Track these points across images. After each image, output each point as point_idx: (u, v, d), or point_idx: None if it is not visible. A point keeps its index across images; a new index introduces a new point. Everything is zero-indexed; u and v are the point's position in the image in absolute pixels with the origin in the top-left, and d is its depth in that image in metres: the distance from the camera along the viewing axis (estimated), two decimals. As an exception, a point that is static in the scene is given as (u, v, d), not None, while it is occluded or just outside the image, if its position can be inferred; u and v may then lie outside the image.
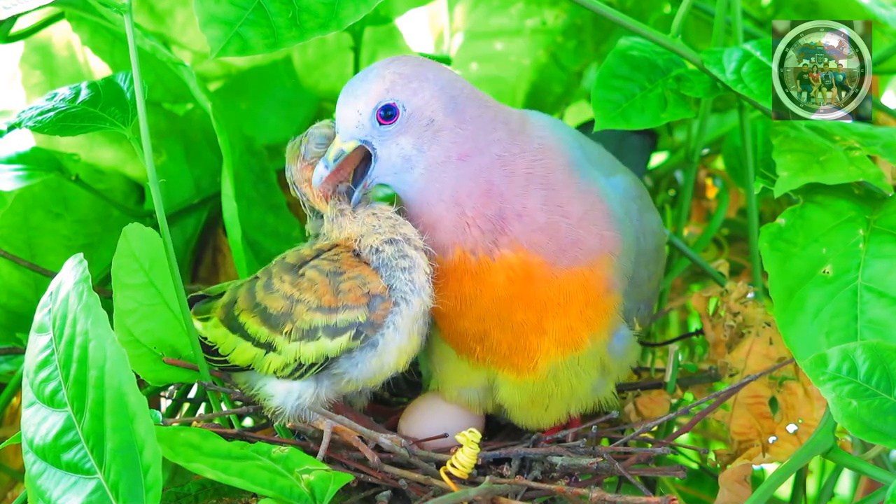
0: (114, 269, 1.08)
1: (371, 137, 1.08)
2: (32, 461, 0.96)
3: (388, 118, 1.08)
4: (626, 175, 1.20)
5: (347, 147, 1.09)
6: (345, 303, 1.08)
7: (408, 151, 1.08)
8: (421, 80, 1.08)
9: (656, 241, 1.20)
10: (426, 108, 1.08)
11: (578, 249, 1.10)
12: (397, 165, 1.09)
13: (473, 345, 1.12)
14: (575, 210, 1.10)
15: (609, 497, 1.05)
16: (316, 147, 1.12)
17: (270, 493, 0.98)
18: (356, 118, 1.08)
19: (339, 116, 1.09)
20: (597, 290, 1.11)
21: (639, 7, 1.54)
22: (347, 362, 1.09)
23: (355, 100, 1.08)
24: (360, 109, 1.08)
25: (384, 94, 1.07)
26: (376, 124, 1.08)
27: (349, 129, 1.09)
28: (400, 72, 1.08)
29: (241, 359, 1.11)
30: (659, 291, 1.25)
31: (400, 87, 1.08)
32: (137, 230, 1.08)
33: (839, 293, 1.09)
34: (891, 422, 0.98)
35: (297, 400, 1.10)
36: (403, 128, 1.08)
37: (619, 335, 1.14)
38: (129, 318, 1.10)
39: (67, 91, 1.16)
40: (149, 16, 1.48)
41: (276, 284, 1.11)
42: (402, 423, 1.19)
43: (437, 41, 1.69)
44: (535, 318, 1.10)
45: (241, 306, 1.12)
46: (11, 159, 1.30)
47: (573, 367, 1.13)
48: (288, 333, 1.09)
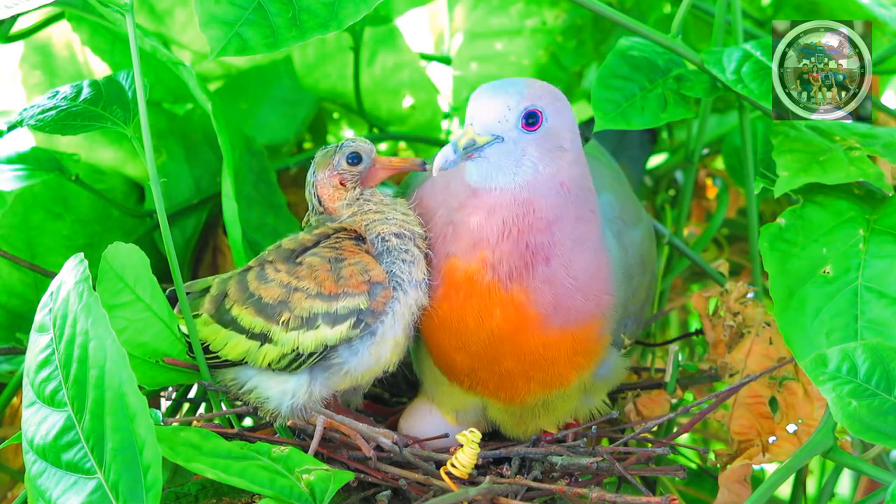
0: (100, 293, 1.07)
1: (507, 136, 1.06)
2: (32, 461, 0.96)
3: (532, 124, 1.07)
4: (609, 191, 1.18)
5: (481, 140, 1.06)
6: (346, 289, 1.07)
7: (526, 160, 1.07)
8: (564, 105, 1.10)
9: (639, 252, 1.18)
10: (562, 130, 1.08)
11: (573, 312, 1.09)
12: (507, 162, 1.07)
13: (462, 377, 1.13)
14: (583, 275, 1.09)
15: (609, 497, 1.05)
16: (347, 163, 1.13)
17: (270, 493, 0.98)
18: (503, 112, 1.06)
19: (480, 108, 1.07)
20: (586, 343, 1.11)
21: (639, 7, 1.54)
22: (347, 351, 1.09)
23: (507, 96, 1.07)
24: (511, 105, 1.06)
25: (537, 99, 1.07)
26: (520, 125, 1.06)
27: (490, 121, 1.06)
28: (548, 91, 1.09)
29: (234, 353, 1.10)
30: (649, 302, 1.25)
31: (549, 100, 1.08)
32: (117, 249, 1.08)
33: (839, 293, 1.09)
34: (891, 422, 0.98)
35: (291, 399, 1.10)
36: (539, 140, 1.07)
37: (605, 363, 1.15)
38: (121, 336, 1.08)
39: (69, 89, 1.16)
40: (149, 16, 1.48)
41: (270, 274, 1.10)
42: (402, 422, 1.20)
43: (437, 41, 1.69)
44: (522, 368, 1.10)
45: (233, 298, 1.11)
46: (11, 159, 1.30)
47: (560, 397, 1.14)
48: (285, 322, 1.08)
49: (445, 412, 1.17)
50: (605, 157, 1.38)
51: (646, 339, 1.45)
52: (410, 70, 1.58)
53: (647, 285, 1.22)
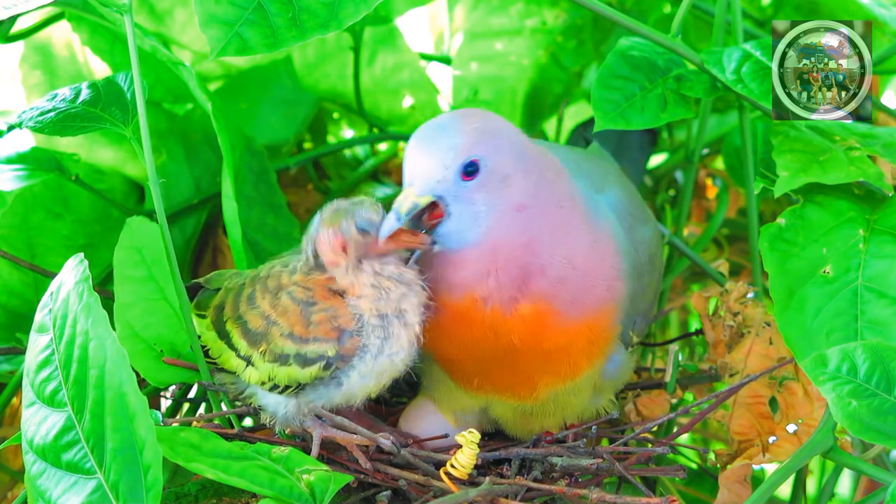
0: (115, 261, 1.08)
1: (448, 193, 1.04)
2: (32, 461, 0.96)
3: (470, 174, 1.04)
4: (617, 186, 1.18)
5: (422, 202, 1.04)
6: (315, 335, 1.06)
7: (479, 208, 1.05)
8: (498, 136, 1.06)
9: (649, 251, 1.19)
10: (501, 163, 1.05)
11: (587, 300, 1.09)
12: (466, 223, 1.05)
13: (472, 378, 1.12)
14: (588, 263, 1.09)
15: (609, 497, 1.05)
16: (357, 230, 1.05)
17: (270, 493, 0.98)
18: (441, 172, 1.04)
19: (418, 168, 1.05)
20: (601, 333, 1.11)
21: (639, 7, 1.54)
22: (314, 393, 1.08)
23: (442, 153, 1.04)
24: (448, 164, 1.03)
25: (471, 149, 1.04)
26: (459, 180, 1.04)
27: (429, 182, 1.04)
28: (478, 127, 1.05)
29: (228, 365, 1.11)
30: (656, 299, 1.25)
31: (484, 142, 1.05)
32: (140, 223, 1.08)
33: (839, 293, 1.09)
34: (891, 422, 0.98)
35: (284, 409, 1.10)
36: (481, 184, 1.04)
37: (614, 358, 1.15)
38: (130, 311, 1.09)
39: (68, 91, 1.16)
40: (149, 16, 1.48)
41: (257, 299, 1.09)
42: (402, 423, 1.20)
43: (437, 41, 1.69)
44: (539, 363, 1.10)
45: (228, 314, 1.11)
46: (11, 159, 1.30)
47: (571, 389, 1.13)
48: (263, 353, 1.08)
49: (445, 412, 1.17)
50: (609, 160, 1.39)
51: (646, 339, 1.45)
52: (410, 70, 1.58)
53: (656, 284, 1.22)
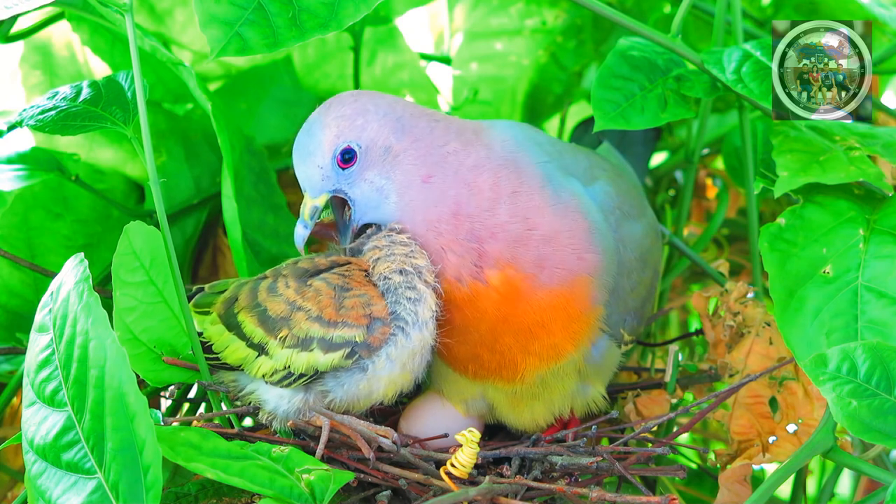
0: (114, 267, 1.08)
1: (339, 184, 1.11)
2: (32, 461, 0.96)
3: (348, 161, 1.10)
4: (606, 181, 1.19)
5: (320, 202, 1.12)
6: (345, 319, 1.07)
7: (378, 182, 1.11)
8: (363, 115, 1.11)
9: (639, 250, 1.19)
10: (378, 138, 1.10)
11: (556, 267, 1.10)
12: (374, 199, 1.11)
13: (467, 364, 1.14)
14: (546, 224, 1.10)
15: (609, 497, 1.05)
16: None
17: (270, 492, 0.98)
18: (319, 173, 1.11)
19: (302, 176, 1.12)
20: (579, 308, 1.12)
21: (639, 7, 1.54)
22: (333, 381, 1.09)
23: (311, 157, 1.11)
24: (320, 163, 1.11)
25: (335, 140, 1.10)
26: (339, 171, 1.11)
27: (316, 184, 1.11)
28: (341, 114, 1.11)
29: (233, 357, 1.11)
30: (650, 299, 1.25)
31: (347, 128, 1.10)
32: (139, 228, 1.08)
33: (839, 293, 1.09)
34: (891, 422, 0.98)
35: (287, 404, 1.10)
36: (365, 164, 1.10)
37: (598, 345, 1.15)
38: (129, 315, 1.09)
39: (69, 90, 1.16)
40: (149, 16, 1.48)
41: (280, 288, 1.10)
42: (403, 422, 1.20)
43: (437, 41, 1.69)
44: (521, 342, 1.12)
45: (242, 304, 1.12)
46: (11, 159, 1.30)
47: (556, 372, 1.14)
48: (283, 339, 1.08)
49: (455, 403, 1.18)
50: (614, 155, 1.39)
51: (646, 339, 1.45)
52: (410, 70, 1.58)
53: (649, 282, 1.22)
